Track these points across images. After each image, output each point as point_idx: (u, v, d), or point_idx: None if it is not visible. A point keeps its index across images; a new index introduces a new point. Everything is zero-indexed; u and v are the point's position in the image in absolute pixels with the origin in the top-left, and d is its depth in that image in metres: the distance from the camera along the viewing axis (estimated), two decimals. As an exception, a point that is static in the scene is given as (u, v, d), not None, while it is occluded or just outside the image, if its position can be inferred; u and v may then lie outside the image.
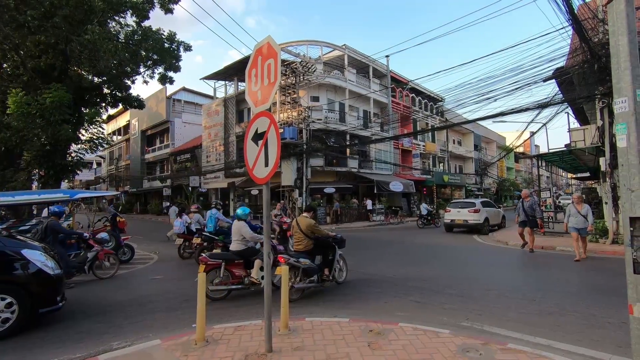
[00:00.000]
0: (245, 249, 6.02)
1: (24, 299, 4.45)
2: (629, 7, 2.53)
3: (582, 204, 8.77)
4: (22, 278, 4.57)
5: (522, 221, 10.21)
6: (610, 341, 3.80)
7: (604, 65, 9.80)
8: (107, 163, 47.63)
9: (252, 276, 5.81)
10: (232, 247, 6.13)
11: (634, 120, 2.46)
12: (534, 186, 48.14)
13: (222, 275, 5.81)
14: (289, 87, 22.83)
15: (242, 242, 6.03)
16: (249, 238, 6.02)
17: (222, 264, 5.82)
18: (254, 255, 6.02)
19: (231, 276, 5.87)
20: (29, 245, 4.96)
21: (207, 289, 5.38)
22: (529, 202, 10.07)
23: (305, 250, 6.04)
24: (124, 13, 16.20)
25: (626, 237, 2.48)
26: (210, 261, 5.73)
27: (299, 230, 6.09)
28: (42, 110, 12.78)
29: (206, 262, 5.69)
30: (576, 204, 8.79)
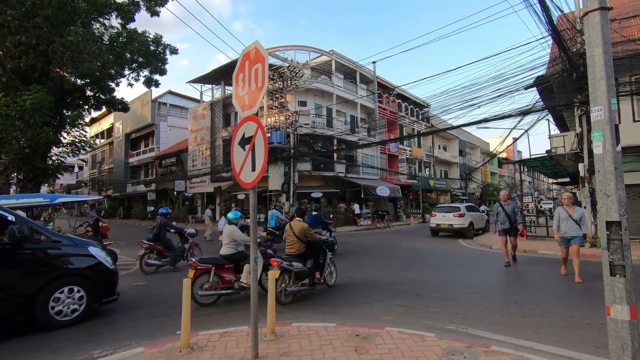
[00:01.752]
0: (235, 253, 6.00)
1: (91, 291, 5.14)
2: (604, 19, 2.64)
3: (573, 206, 7.11)
4: (90, 272, 5.19)
5: (505, 229, 8.58)
6: (589, 342, 3.91)
7: (582, 74, 10.15)
8: (90, 167, 46.55)
9: (242, 280, 5.79)
10: (222, 251, 6.08)
11: (609, 128, 2.56)
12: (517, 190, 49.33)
13: (212, 280, 5.76)
14: (277, 91, 22.83)
15: (233, 246, 6.01)
16: (240, 241, 6.01)
17: (212, 268, 5.78)
18: (244, 260, 5.97)
19: (221, 281, 5.83)
20: (92, 243, 5.61)
21: (196, 294, 5.61)
22: (509, 205, 8.68)
23: (297, 254, 6.09)
24: (109, 15, 15.92)
25: (603, 241, 2.57)
26: (200, 266, 5.69)
27: (292, 234, 6.14)
28: (21, 112, 12.40)
29: (196, 266, 5.64)
30: (566, 206, 7.14)
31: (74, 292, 5.01)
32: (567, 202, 7.15)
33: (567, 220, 7.02)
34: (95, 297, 5.19)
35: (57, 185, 38.19)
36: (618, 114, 2.62)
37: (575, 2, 11.52)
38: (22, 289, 4.72)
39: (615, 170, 2.51)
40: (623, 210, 2.49)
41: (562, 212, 7.12)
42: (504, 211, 8.59)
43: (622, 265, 2.46)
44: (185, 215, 29.61)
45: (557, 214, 7.23)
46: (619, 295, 2.46)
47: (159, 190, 33.46)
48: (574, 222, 6.94)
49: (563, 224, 7.07)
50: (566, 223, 7.04)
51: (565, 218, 7.05)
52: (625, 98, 11.51)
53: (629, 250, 2.48)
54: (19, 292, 4.68)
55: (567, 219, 7.03)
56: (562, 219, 7.10)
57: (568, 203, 7.13)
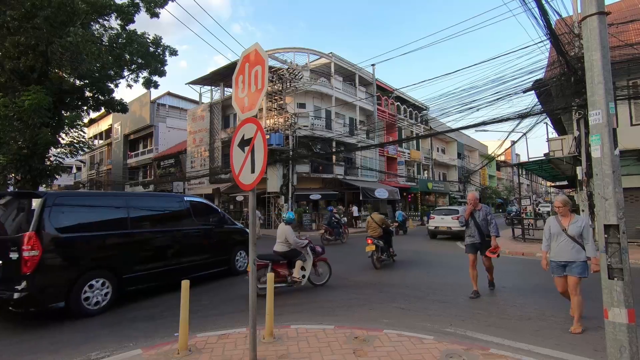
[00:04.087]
0: (288, 251, 6.65)
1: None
2: (602, 24, 2.66)
3: (570, 215, 4.67)
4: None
5: (474, 244, 6.25)
6: (587, 345, 3.91)
7: (580, 78, 10.21)
8: (88, 168, 46.40)
9: (294, 275, 6.55)
10: (276, 247, 6.72)
11: (607, 132, 2.57)
12: (515, 194, 49.43)
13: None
14: (276, 93, 22.86)
15: (286, 244, 6.63)
16: (291, 242, 6.61)
17: (269, 264, 6.40)
18: (295, 257, 6.69)
19: (276, 275, 6.31)
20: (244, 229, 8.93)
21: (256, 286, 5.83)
22: (481, 212, 6.30)
23: (378, 236, 9.21)
24: (109, 16, 15.92)
25: (601, 244, 2.58)
26: (259, 261, 6.33)
27: (375, 223, 9.36)
28: (20, 112, 12.37)
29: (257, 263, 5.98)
30: (560, 216, 4.72)
31: (244, 254, 8.46)
32: (562, 211, 4.66)
33: (559, 237, 4.57)
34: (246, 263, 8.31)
35: (55, 186, 38.00)
36: (616, 118, 2.64)
37: (574, 7, 11.59)
38: (223, 251, 8.05)
39: (613, 174, 2.53)
40: (621, 213, 2.50)
41: (553, 225, 4.68)
42: (472, 220, 6.26)
43: (620, 268, 2.47)
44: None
45: (547, 227, 4.79)
46: (617, 298, 2.47)
47: (157, 191, 33.41)
48: (570, 240, 4.47)
49: (554, 242, 4.64)
50: (558, 241, 4.59)
51: (557, 233, 4.60)
52: (623, 102, 11.58)
53: (626, 254, 2.49)
54: (222, 252, 7.98)
55: (559, 235, 4.58)
56: (552, 234, 4.67)
57: (563, 212, 4.66)
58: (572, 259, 4.46)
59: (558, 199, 4.89)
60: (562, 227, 4.60)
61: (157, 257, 6.69)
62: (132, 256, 6.29)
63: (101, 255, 5.88)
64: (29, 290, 4.89)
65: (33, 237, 4.97)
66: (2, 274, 5.08)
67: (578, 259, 4.43)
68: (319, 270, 7.16)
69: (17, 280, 4.90)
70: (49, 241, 5.19)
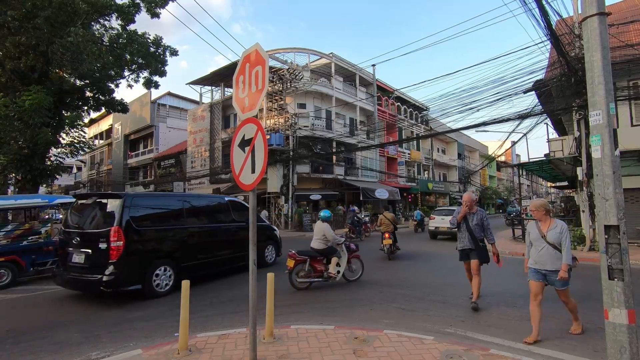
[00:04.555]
0: (326, 248, 6.93)
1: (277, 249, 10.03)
2: (602, 25, 2.66)
3: (549, 220, 4.32)
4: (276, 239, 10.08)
5: (466, 251, 5.59)
6: (588, 346, 3.91)
7: (581, 78, 10.21)
8: (88, 168, 46.41)
9: (330, 271, 6.86)
10: (313, 244, 7.00)
11: (607, 132, 2.57)
12: (515, 194, 49.38)
13: (306, 269, 6.84)
14: (276, 93, 22.87)
15: (323, 241, 6.90)
16: (330, 238, 6.92)
17: (308, 259, 6.83)
18: (332, 254, 7.00)
19: (313, 270, 6.88)
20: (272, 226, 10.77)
21: (294, 280, 6.86)
22: (476, 215, 5.59)
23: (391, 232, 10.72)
24: (109, 16, 15.95)
25: (601, 244, 2.58)
26: (298, 257, 6.83)
27: (388, 220, 10.94)
28: (20, 112, 12.41)
29: (295, 257, 6.80)
30: (539, 221, 4.37)
31: (272, 249, 9.74)
32: (537, 215, 4.32)
33: (539, 243, 4.23)
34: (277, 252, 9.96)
35: (56, 186, 38.10)
36: (616, 119, 2.63)
37: (574, 7, 11.59)
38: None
39: (614, 175, 2.53)
40: (621, 214, 2.50)
41: (533, 231, 4.36)
42: (465, 223, 5.56)
43: (620, 269, 2.47)
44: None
45: (527, 232, 4.51)
46: (617, 299, 2.47)
47: (157, 191, 33.42)
48: (551, 247, 4.13)
49: (534, 248, 4.31)
50: (537, 248, 4.23)
51: (537, 239, 4.27)
52: (624, 102, 11.57)
53: (627, 254, 2.49)
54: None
55: (538, 241, 4.25)
56: (533, 239, 4.34)
57: (538, 216, 4.31)
58: (553, 268, 4.11)
59: (534, 203, 4.42)
60: (541, 234, 4.23)
61: (207, 249, 7.76)
62: (188, 248, 7.31)
63: (166, 247, 6.93)
64: (115, 274, 5.96)
65: (118, 230, 6.08)
66: (92, 261, 6.14)
67: (557, 268, 4.08)
68: (353, 266, 7.46)
69: (105, 265, 5.99)
70: (129, 234, 6.24)
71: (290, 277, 6.79)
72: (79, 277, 6.26)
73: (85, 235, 6.42)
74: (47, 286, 7.70)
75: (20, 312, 5.87)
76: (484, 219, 5.58)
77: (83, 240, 6.37)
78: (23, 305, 6.30)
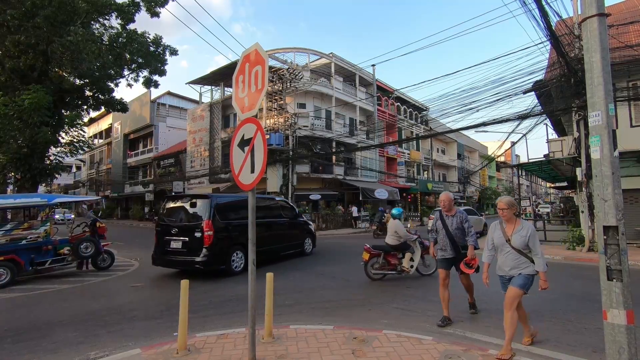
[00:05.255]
0: (399, 244, 7.31)
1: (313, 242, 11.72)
2: (602, 26, 2.66)
3: (515, 220, 3.79)
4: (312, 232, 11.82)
5: (447, 259, 4.92)
6: (586, 346, 3.91)
7: (580, 79, 10.21)
8: (88, 167, 46.40)
9: (403, 265, 7.31)
10: (387, 240, 7.42)
11: (606, 133, 2.57)
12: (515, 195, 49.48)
13: (381, 262, 7.41)
14: (276, 93, 22.86)
15: (396, 237, 7.29)
16: (401, 235, 7.27)
17: (382, 253, 7.37)
18: (406, 249, 7.40)
19: (387, 263, 7.40)
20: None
21: (369, 272, 7.43)
22: (454, 218, 4.97)
23: None
24: (109, 15, 15.94)
25: (600, 245, 2.58)
26: (373, 251, 7.39)
27: None
28: (20, 111, 12.38)
29: (370, 251, 7.37)
30: (505, 222, 3.83)
31: (309, 241, 11.52)
32: (506, 214, 3.75)
33: (503, 248, 3.75)
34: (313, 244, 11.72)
35: (55, 185, 38.05)
36: (615, 119, 2.63)
37: (574, 8, 11.59)
38: (299, 237, 10.99)
39: (613, 175, 2.53)
40: (620, 215, 2.50)
41: (497, 235, 3.83)
42: (443, 227, 4.97)
43: (619, 269, 2.47)
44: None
45: (490, 234, 3.98)
46: (616, 299, 2.47)
47: (157, 191, 33.37)
48: (516, 252, 3.65)
49: (499, 253, 3.82)
50: (502, 253, 3.77)
51: (501, 244, 3.77)
52: (623, 103, 11.57)
53: (625, 255, 2.49)
54: (298, 238, 10.96)
55: (503, 246, 3.76)
56: (495, 245, 3.85)
57: (507, 215, 3.75)
58: (517, 274, 3.69)
59: (501, 200, 3.84)
60: (505, 237, 3.72)
61: (266, 239, 9.47)
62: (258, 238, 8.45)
63: (239, 236, 8.53)
64: (207, 256, 7.76)
65: (209, 223, 7.90)
66: (189, 246, 7.94)
67: (522, 273, 3.64)
68: (427, 262, 7.80)
69: (199, 250, 7.78)
70: (216, 225, 8.02)
71: (365, 269, 7.43)
72: (178, 259, 8.13)
73: (182, 227, 8.26)
74: (46, 285, 7.70)
75: (19, 311, 5.86)
76: (464, 221, 4.96)
77: (180, 230, 8.19)
78: (22, 305, 6.29)
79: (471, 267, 4.74)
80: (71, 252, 8.81)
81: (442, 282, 4.83)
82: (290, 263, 9.90)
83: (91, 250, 9.05)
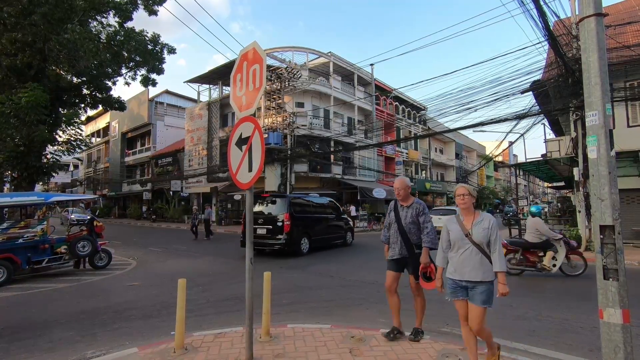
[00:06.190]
0: (540, 242, 7.35)
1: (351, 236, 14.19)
2: (599, 26, 2.66)
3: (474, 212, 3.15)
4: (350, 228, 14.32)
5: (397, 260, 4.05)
6: (583, 345, 3.93)
7: (578, 79, 10.24)
8: (85, 165, 46.22)
9: (544, 263, 7.30)
10: (527, 237, 7.51)
11: (603, 133, 2.57)
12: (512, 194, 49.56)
13: (518, 257, 7.53)
14: (274, 92, 22.82)
15: (537, 235, 7.32)
16: (543, 232, 7.30)
17: (520, 250, 7.48)
18: (548, 248, 7.36)
19: (526, 260, 7.45)
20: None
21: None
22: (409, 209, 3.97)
23: None
24: (107, 13, 15.87)
25: (597, 245, 2.59)
26: (510, 247, 7.56)
27: None
28: (16, 109, 12.31)
29: (507, 247, 7.44)
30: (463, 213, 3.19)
31: (349, 234, 13.91)
32: (467, 201, 3.11)
33: (461, 244, 3.07)
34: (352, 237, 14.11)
35: (52, 183, 37.89)
36: (613, 119, 2.63)
37: (572, 8, 11.63)
38: (343, 231, 13.53)
39: (609, 175, 2.53)
40: (617, 214, 2.51)
41: (454, 228, 3.15)
42: (395, 220, 4.03)
43: (615, 269, 2.48)
44: (180, 215, 29.50)
45: (445, 230, 3.26)
46: (612, 298, 2.48)
47: (154, 190, 33.30)
48: (476, 249, 3.00)
49: (454, 251, 3.14)
50: (459, 251, 3.08)
51: (459, 239, 3.09)
52: (620, 103, 11.62)
53: (622, 254, 2.50)
54: (341, 231, 13.40)
55: (460, 241, 3.08)
56: (452, 241, 3.16)
57: (467, 203, 3.11)
58: (477, 279, 2.94)
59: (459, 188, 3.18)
60: (464, 230, 3.07)
61: (321, 230, 12.23)
62: (314, 228, 11.90)
63: (305, 226, 11.45)
64: (286, 239, 10.64)
65: (287, 215, 10.76)
66: (272, 233, 10.88)
67: (485, 279, 2.94)
68: (573, 263, 7.69)
69: (280, 235, 10.72)
70: (292, 217, 10.81)
71: None
72: (263, 242, 10.97)
73: (267, 217, 11.18)
74: (43, 284, 7.68)
75: (16, 310, 5.84)
76: (421, 214, 3.89)
77: (265, 220, 11.15)
78: (18, 304, 6.27)
79: (428, 279, 3.76)
80: (68, 251, 8.78)
81: (388, 287, 4.03)
82: (294, 262, 9.90)
83: (88, 249, 9.02)
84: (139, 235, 19.44)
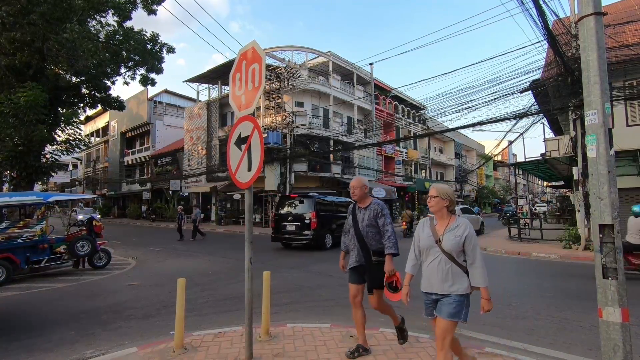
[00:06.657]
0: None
1: None
2: (598, 25, 2.66)
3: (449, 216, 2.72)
4: None
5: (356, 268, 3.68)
6: (582, 344, 3.94)
7: (577, 78, 10.24)
8: (84, 165, 46.18)
9: None
10: (629, 239, 7.01)
11: (603, 132, 2.57)
12: (512, 193, 49.64)
13: None
14: (274, 92, 22.81)
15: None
16: None
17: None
18: None
19: (628, 263, 6.92)
20: None
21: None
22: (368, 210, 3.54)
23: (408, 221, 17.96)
24: (105, 12, 15.83)
25: (596, 244, 2.59)
26: None
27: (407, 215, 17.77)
28: (15, 109, 12.29)
29: None
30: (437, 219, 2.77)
31: None
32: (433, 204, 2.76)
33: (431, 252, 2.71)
34: None
35: (51, 183, 37.89)
36: (612, 118, 2.63)
37: (571, 7, 11.63)
38: None
39: (609, 174, 2.53)
40: (616, 213, 2.51)
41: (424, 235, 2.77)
42: (352, 224, 3.63)
43: (614, 268, 2.48)
44: (180, 215, 29.45)
45: (416, 235, 2.89)
46: (611, 297, 2.48)
47: (154, 189, 33.28)
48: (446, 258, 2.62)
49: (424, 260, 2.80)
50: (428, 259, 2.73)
51: (429, 246, 2.72)
52: (619, 103, 11.63)
53: (621, 253, 2.50)
54: None
55: (430, 249, 2.71)
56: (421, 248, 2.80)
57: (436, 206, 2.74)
58: (444, 292, 2.62)
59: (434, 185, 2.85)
60: (435, 237, 2.69)
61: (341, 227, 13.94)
62: (336, 226, 12.83)
63: (329, 224, 12.75)
64: (313, 235, 11.95)
65: (314, 213, 12.07)
66: (300, 229, 12.14)
67: (452, 292, 2.59)
68: None
69: (307, 231, 12.01)
70: (318, 215, 12.11)
71: None
72: (292, 237, 12.38)
73: (296, 215, 12.43)
74: (42, 284, 7.67)
75: (15, 310, 5.83)
76: (380, 216, 3.46)
77: (294, 218, 12.41)
78: (17, 304, 6.26)
79: (394, 290, 3.37)
80: (67, 251, 8.77)
81: (352, 300, 3.64)
82: (293, 262, 9.89)
83: (87, 249, 9.01)
84: (139, 235, 19.44)
